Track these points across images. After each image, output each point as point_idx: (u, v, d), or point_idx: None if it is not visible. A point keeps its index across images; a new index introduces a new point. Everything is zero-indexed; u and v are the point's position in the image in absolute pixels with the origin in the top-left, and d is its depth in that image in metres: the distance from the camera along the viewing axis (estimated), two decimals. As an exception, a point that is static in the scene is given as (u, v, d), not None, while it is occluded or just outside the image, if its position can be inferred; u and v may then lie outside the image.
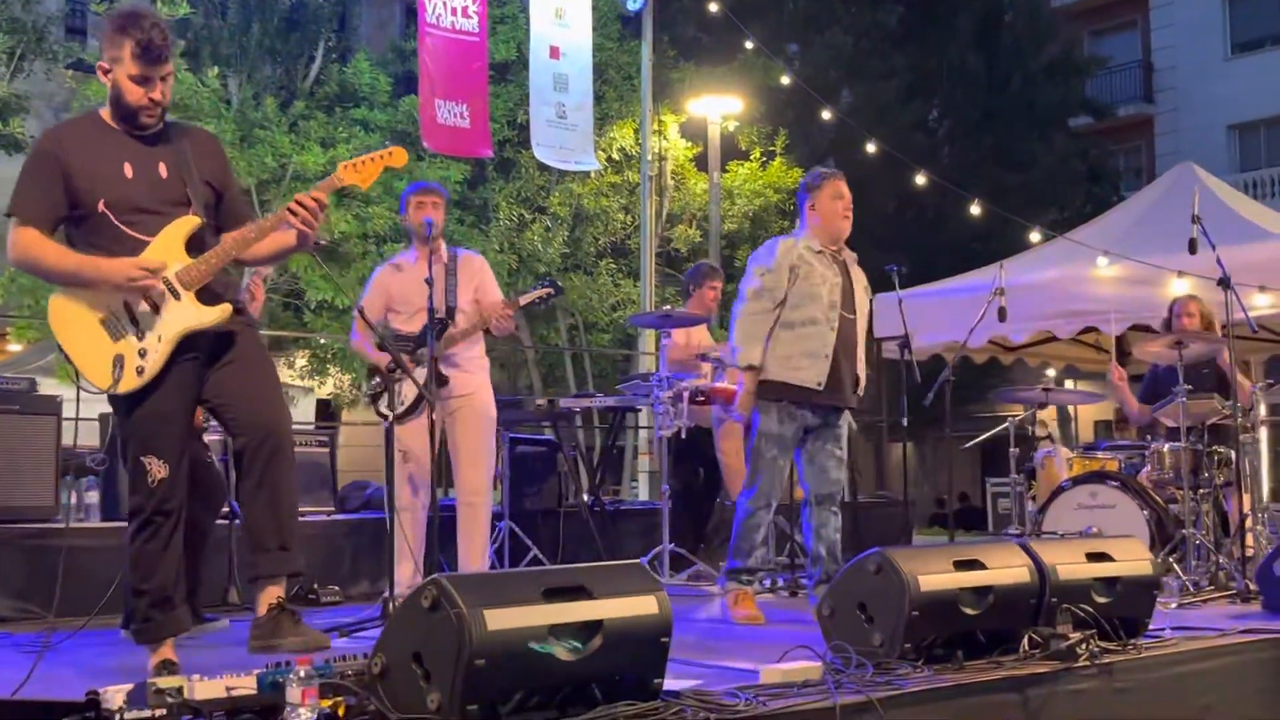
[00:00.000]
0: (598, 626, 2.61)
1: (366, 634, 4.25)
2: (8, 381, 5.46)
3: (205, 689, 2.47)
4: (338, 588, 5.73)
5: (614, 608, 2.65)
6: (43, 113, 13.61)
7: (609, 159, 14.85)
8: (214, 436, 5.16)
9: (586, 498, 7.05)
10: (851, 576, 3.51)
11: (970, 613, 3.42)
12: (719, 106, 13.74)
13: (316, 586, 5.65)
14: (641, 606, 2.71)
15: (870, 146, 11.23)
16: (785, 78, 14.11)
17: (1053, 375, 17.24)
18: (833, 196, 5.03)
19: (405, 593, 4.01)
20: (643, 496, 11.98)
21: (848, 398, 5.00)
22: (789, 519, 6.12)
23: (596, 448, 11.46)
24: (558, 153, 10.09)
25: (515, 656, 2.47)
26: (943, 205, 18.25)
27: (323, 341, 14.86)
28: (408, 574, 4.84)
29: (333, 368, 15.32)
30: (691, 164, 15.63)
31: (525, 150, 12.82)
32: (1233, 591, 5.24)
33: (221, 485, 4.86)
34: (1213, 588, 5.36)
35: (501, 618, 2.46)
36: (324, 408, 16.49)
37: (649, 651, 2.72)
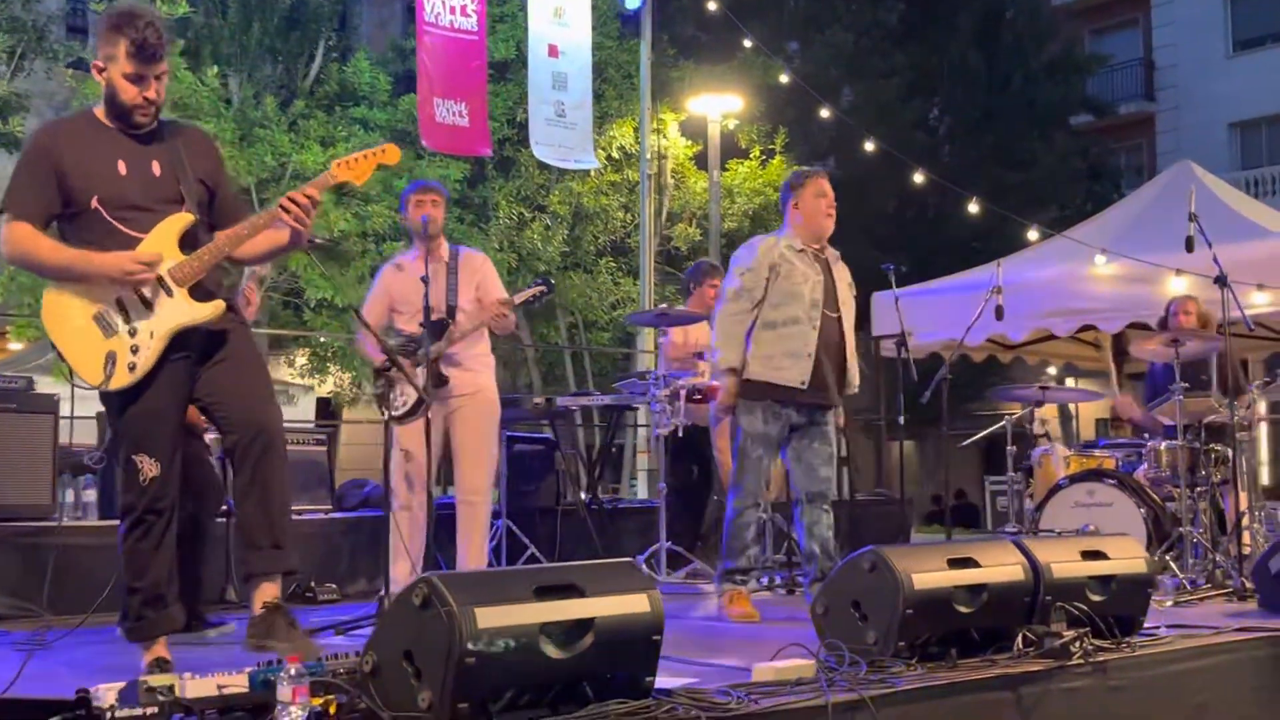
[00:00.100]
0: (589, 625, 2.61)
1: (362, 632, 4.25)
2: (5, 380, 5.45)
3: (196, 687, 2.47)
4: (335, 586, 5.74)
5: (605, 606, 2.66)
6: (43, 111, 13.60)
7: (609, 157, 14.85)
8: (214, 435, 5.15)
9: (584, 496, 7.04)
10: (846, 574, 3.51)
11: (964, 611, 3.42)
12: (719, 105, 13.72)
13: (314, 584, 5.66)
14: (633, 605, 2.71)
15: (870, 145, 11.22)
16: (784, 76, 14.09)
17: (1054, 373, 17.23)
18: (816, 195, 5.03)
19: (401, 591, 4.01)
20: (642, 495, 11.97)
21: (832, 396, 4.99)
22: (787, 517, 6.12)
23: (596, 446, 11.44)
24: (557, 151, 10.08)
25: (506, 654, 2.47)
26: (943, 204, 18.26)
27: (322, 340, 14.87)
28: (404, 573, 4.83)
29: (333, 366, 15.33)
30: (691, 162, 15.62)
31: (525, 149, 12.81)
32: (1229, 589, 5.24)
33: (219, 484, 4.86)
34: (1209, 586, 5.37)
35: (492, 615, 2.46)
36: (324, 406, 16.49)
37: (641, 649, 2.72)
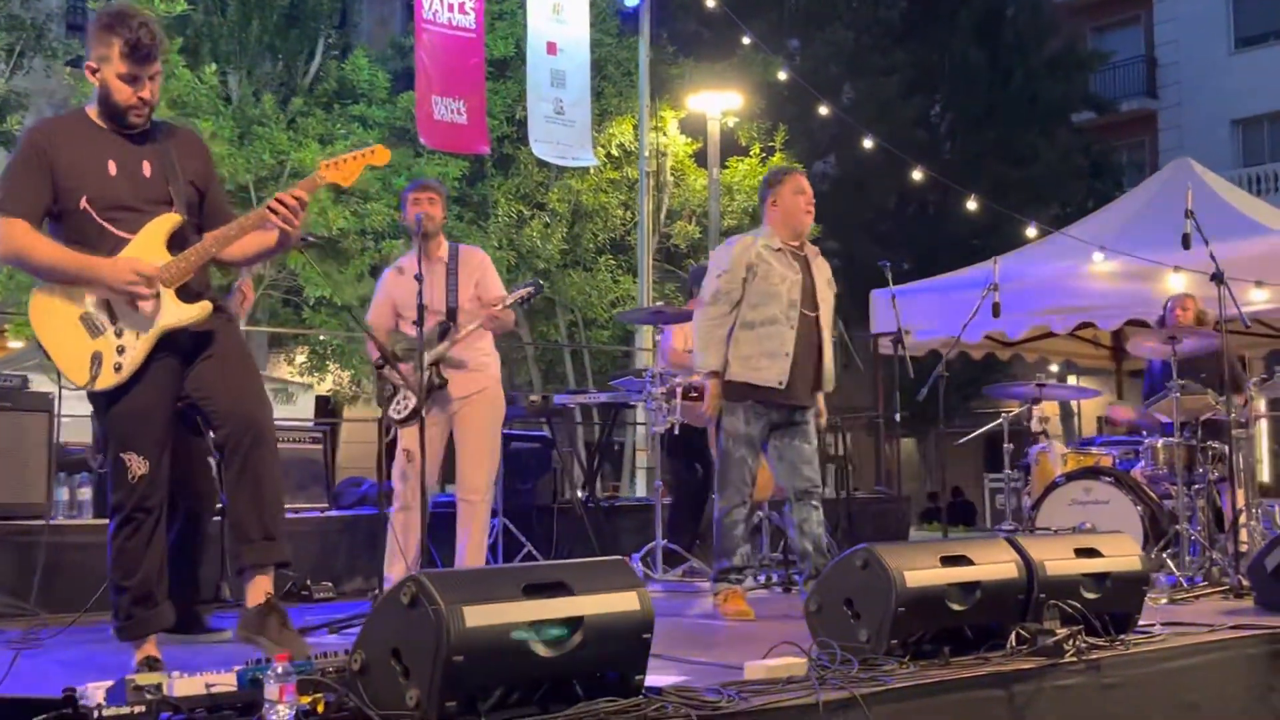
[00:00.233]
0: (578, 623, 2.60)
1: (356, 631, 4.23)
2: (0, 379, 5.46)
3: (184, 685, 2.47)
4: (330, 584, 5.75)
5: (594, 604, 2.65)
6: (42, 109, 13.58)
7: (608, 155, 14.83)
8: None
9: (581, 494, 7.04)
10: (838, 572, 3.50)
11: (957, 609, 3.41)
12: (718, 102, 13.70)
13: (310, 582, 5.66)
14: (622, 603, 2.70)
15: (870, 142, 11.20)
16: (783, 73, 14.07)
17: (1055, 370, 17.21)
18: (794, 192, 5.03)
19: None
20: (640, 493, 11.97)
21: (810, 395, 4.99)
22: (783, 516, 6.11)
23: (598, 445, 11.42)
24: (555, 149, 10.08)
25: (494, 653, 2.46)
26: (944, 201, 18.24)
27: (322, 338, 14.86)
28: (400, 573, 4.82)
29: (332, 364, 15.32)
30: (691, 160, 15.59)
31: (524, 147, 12.80)
32: (1226, 587, 5.23)
33: (216, 482, 4.85)
34: (1206, 584, 5.36)
35: (480, 614, 2.46)
36: (324, 404, 16.48)
37: (630, 647, 2.71)
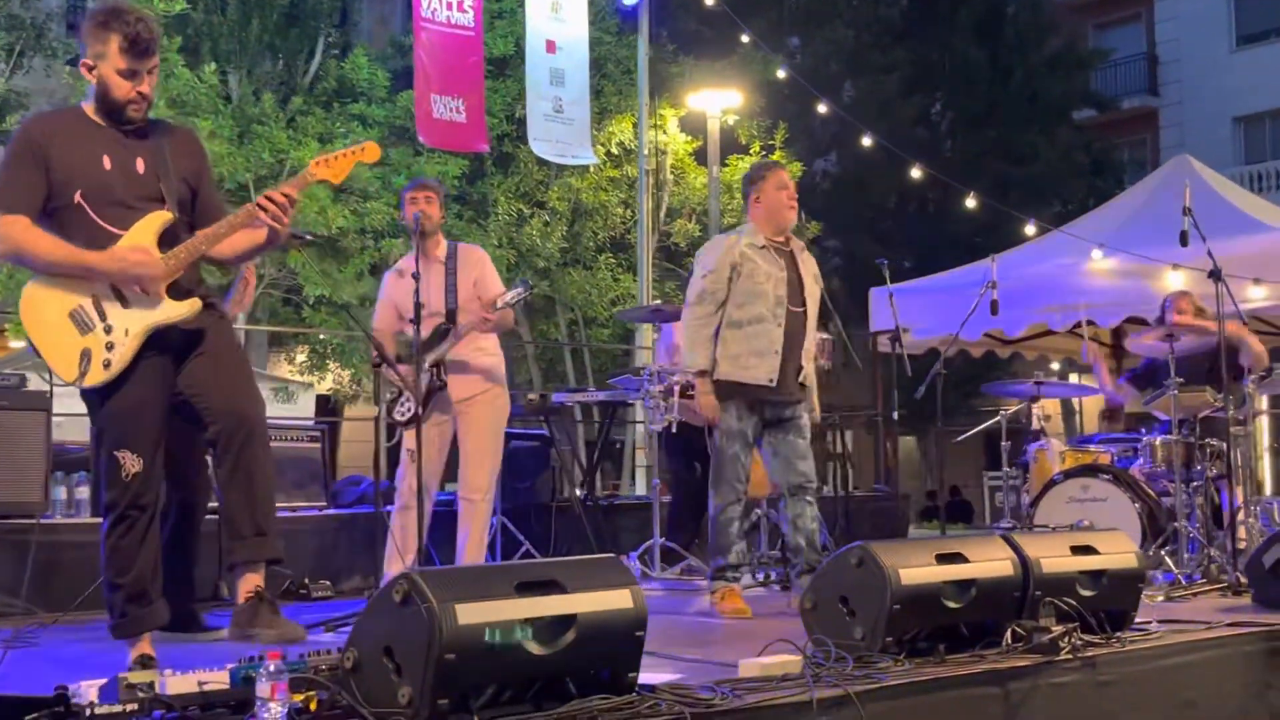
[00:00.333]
0: (571, 621, 2.60)
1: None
2: (-2, 377, 5.47)
3: (177, 684, 2.46)
4: (329, 582, 5.74)
5: (587, 602, 2.65)
6: (42, 109, 13.59)
7: (608, 153, 14.81)
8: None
9: (579, 492, 7.03)
10: (833, 570, 3.50)
11: (952, 606, 3.42)
12: (718, 100, 13.68)
13: (308, 581, 5.66)
14: (616, 601, 2.70)
15: (870, 141, 11.19)
16: (782, 72, 14.06)
17: (1057, 369, 17.20)
18: (777, 187, 5.03)
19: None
20: (640, 491, 11.97)
21: (799, 390, 4.99)
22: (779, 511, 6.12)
23: (597, 443, 11.43)
24: (554, 147, 10.06)
25: (486, 651, 2.46)
26: (945, 199, 18.22)
27: (322, 337, 14.86)
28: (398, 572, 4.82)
29: (332, 363, 15.33)
30: (691, 158, 15.58)
31: (524, 145, 12.78)
32: (1224, 584, 5.23)
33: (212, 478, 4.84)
34: (1205, 581, 5.36)
35: (473, 612, 2.46)
36: (324, 403, 16.48)
37: (623, 645, 2.71)
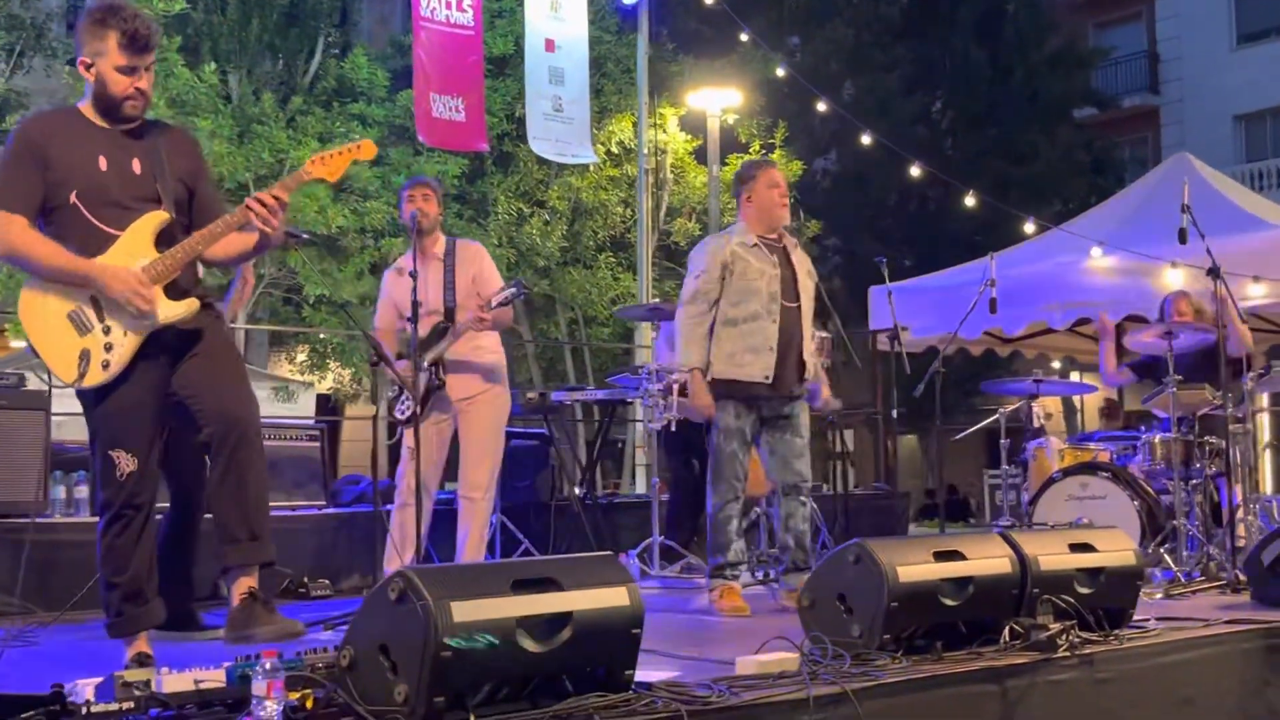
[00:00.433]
0: (567, 618, 2.60)
1: (350, 627, 4.24)
2: (-4, 377, 5.47)
3: (173, 682, 2.47)
4: (328, 581, 5.75)
5: (584, 599, 2.64)
6: (42, 109, 13.59)
7: (608, 152, 14.81)
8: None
9: (579, 491, 7.03)
10: (831, 567, 3.50)
11: (950, 603, 3.41)
12: (718, 99, 13.67)
13: (307, 580, 5.67)
14: (612, 598, 2.70)
15: (870, 139, 11.19)
16: (782, 70, 14.06)
17: (1057, 367, 17.20)
18: (768, 185, 5.06)
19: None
20: (640, 489, 11.97)
21: (796, 386, 4.99)
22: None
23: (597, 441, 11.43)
24: (554, 146, 10.06)
25: (482, 648, 2.46)
26: (946, 198, 18.22)
27: (322, 336, 14.86)
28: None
29: (332, 362, 15.33)
30: (691, 157, 15.58)
31: (523, 144, 12.77)
32: (1223, 582, 5.23)
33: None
34: (1203, 578, 5.35)
35: (468, 609, 2.45)
36: (324, 402, 16.49)
37: (620, 643, 2.71)
